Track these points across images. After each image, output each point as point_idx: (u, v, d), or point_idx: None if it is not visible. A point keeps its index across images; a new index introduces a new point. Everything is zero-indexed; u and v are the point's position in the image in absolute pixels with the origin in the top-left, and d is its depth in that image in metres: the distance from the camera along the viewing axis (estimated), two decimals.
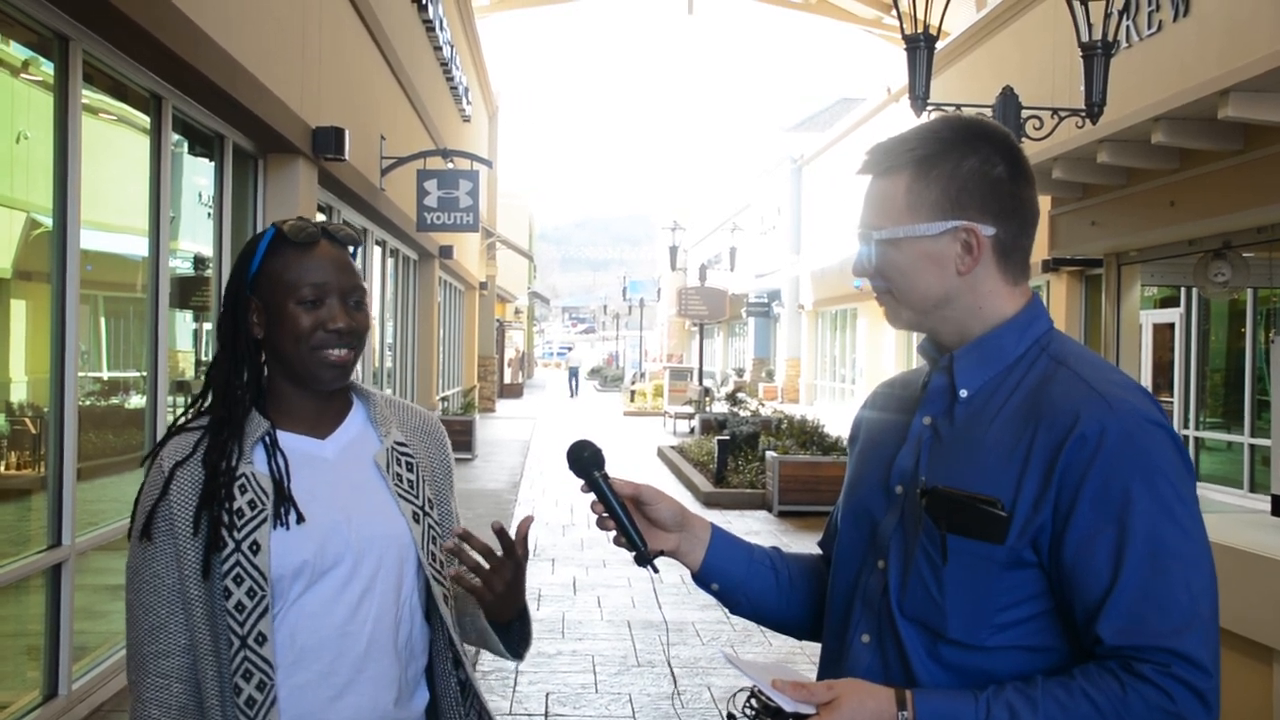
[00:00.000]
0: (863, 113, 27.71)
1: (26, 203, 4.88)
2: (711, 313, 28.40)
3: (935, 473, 1.46)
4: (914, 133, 1.53)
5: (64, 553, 4.82)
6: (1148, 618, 1.31)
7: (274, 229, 1.74)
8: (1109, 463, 1.35)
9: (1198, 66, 9.06)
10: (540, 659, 6.16)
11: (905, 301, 1.53)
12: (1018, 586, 1.40)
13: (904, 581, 1.47)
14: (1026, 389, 1.44)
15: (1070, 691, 1.32)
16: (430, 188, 12.93)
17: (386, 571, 1.71)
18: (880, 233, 1.51)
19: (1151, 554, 1.33)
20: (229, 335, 1.73)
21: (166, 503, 1.66)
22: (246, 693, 1.60)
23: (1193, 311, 13.77)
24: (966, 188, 1.48)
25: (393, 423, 1.82)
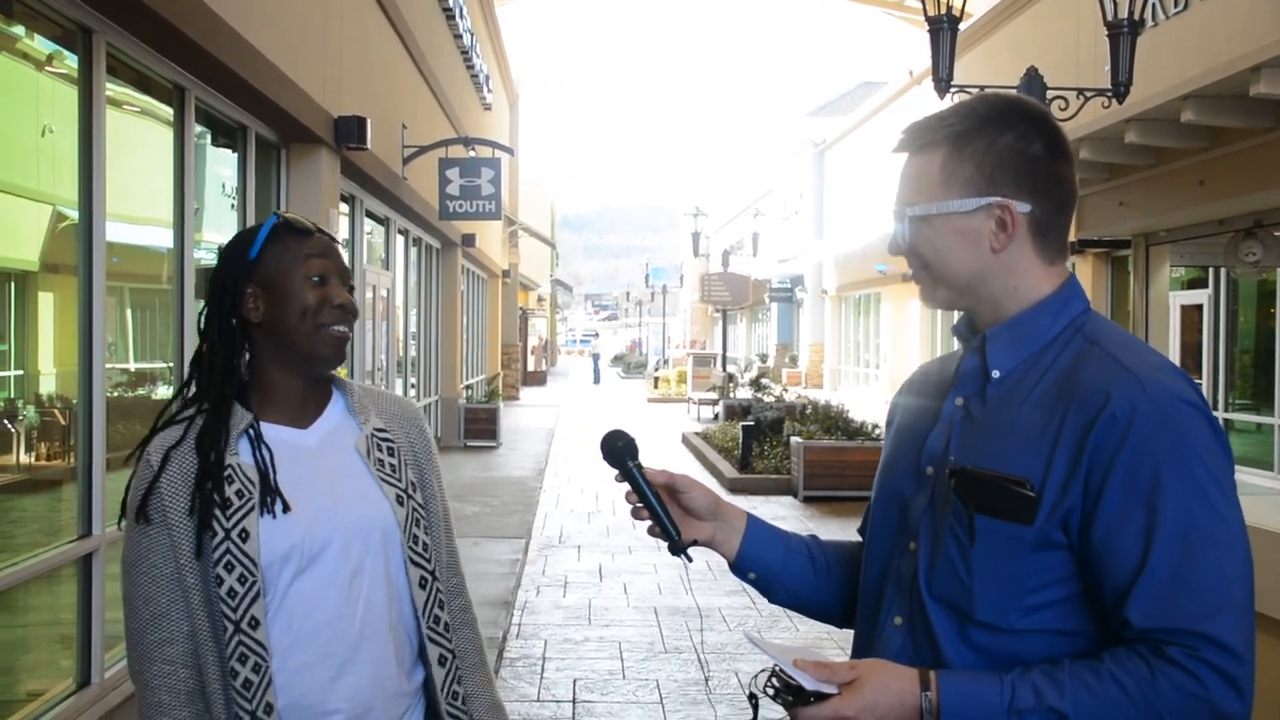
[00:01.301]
0: (885, 96, 27.52)
1: (52, 196, 4.90)
2: (734, 298, 28.29)
3: (965, 453, 1.44)
4: (950, 110, 1.51)
5: (94, 543, 4.86)
6: (1177, 601, 1.29)
7: (276, 217, 1.81)
8: (1140, 443, 1.32)
9: (1226, 43, 8.94)
10: (567, 645, 6.18)
11: (940, 279, 1.51)
12: (1047, 569, 1.37)
13: (933, 563, 1.45)
14: (1059, 370, 1.42)
15: (1098, 674, 1.30)
16: (452, 176, 12.94)
17: (374, 553, 1.76)
18: (914, 209, 1.49)
19: (1182, 536, 1.30)
20: (220, 323, 1.78)
21: (158, 492, 1.71)
22: (243, 675, 1.65)
23: (1221, 292, 13.62)
24: (1002, 164, 1.46)
25: (371, 410, 1.87)
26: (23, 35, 4.74)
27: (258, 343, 1.78)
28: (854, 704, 1.34)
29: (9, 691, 4.62)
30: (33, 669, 4.89)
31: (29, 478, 4.87)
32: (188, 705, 1.68)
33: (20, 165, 4.80)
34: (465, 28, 15.72)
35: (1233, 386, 13.61)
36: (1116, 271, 15.47)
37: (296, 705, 1.69)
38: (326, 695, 1.70)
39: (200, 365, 1.79)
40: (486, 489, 11.73)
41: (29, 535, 4.74)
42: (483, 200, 13.03)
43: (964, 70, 9.41)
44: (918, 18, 9.32)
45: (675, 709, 5.16)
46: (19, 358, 4.82)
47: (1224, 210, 11.24)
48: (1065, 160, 1.49)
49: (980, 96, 1.54)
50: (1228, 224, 11.70)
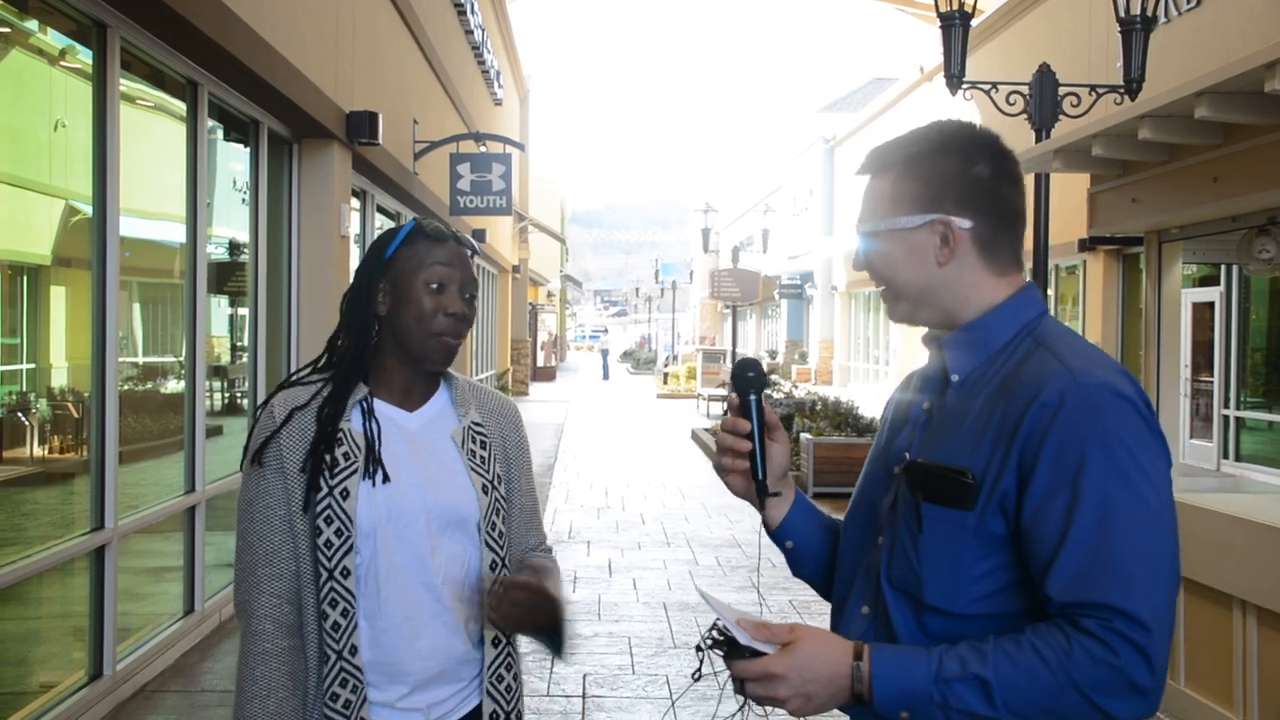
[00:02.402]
0: (895, 92, 27.47)
1: (66, 190, 4.92)
2: (744, 295, 28.30)
3: (923, 450, 1.55)
4: (906, 135, 1.62)
5: (107, 535, 4.88)
6: (1092, 576, 1.37)
7: (414, 222, 1.98)
8: (1066, 427, 1.41)
9: (1240, 40, 8.89)
10: (577, 640, 6.19)
11: (898, 294, 1.61)
12: (990, 554, 1.46)
13: (892, 553, 1.55)
14: (1007, 370, 1.52)
15: (1019, 645, 1.38)
16: (463, 171, 12.95)
17: (454, 533, 1.93)
18: (866, 225, 1.61)
19: (1101, 516, 1.38)
20: (356, 310, 1.96)
21: (277, 443, 1.89)
22: (333, 618, 1.84)
23: (1233, 290, 13.57)
24: (945, 182, 1.56)
25: (472, 405, 2.03)
26: (37, 30, 4.76)
27: (382, 332, 1.96)
28: (784, 663, 1.42)
29: (22, 683, 4.65)
30: (45, 661, 4.92)
31: (42, 471, 4.90)
32: (288, 637, 1.87)
33: (34, 160, 4.81)
34: (476, 23, 15.72)
35: (1244, 384, 13.56)
36: (1128, 269, 15.41)
37: (380, 662, 1.87)
38: (405, 656, 1.88)
39: (334, 343, 1.99)
40: None
41: (42, 528, 4.76)
42: (493, 195, 13.05)
43: (976, 66, 9.39)
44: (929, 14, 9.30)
45: (684, 704, 5.17)
46: (32, 351, 4.84)
47: (1238, 207, 11.19)
48: (1009, 181, 1.59)
49: (936, 123, 1.63)
50: (1241, 221, 11.65)
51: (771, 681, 1.43)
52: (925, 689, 1.39)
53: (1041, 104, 7.91)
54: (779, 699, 1.43)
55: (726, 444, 1.71)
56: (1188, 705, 4.53)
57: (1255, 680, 4.06)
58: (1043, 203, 7.89)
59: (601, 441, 17.32)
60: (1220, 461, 13.66)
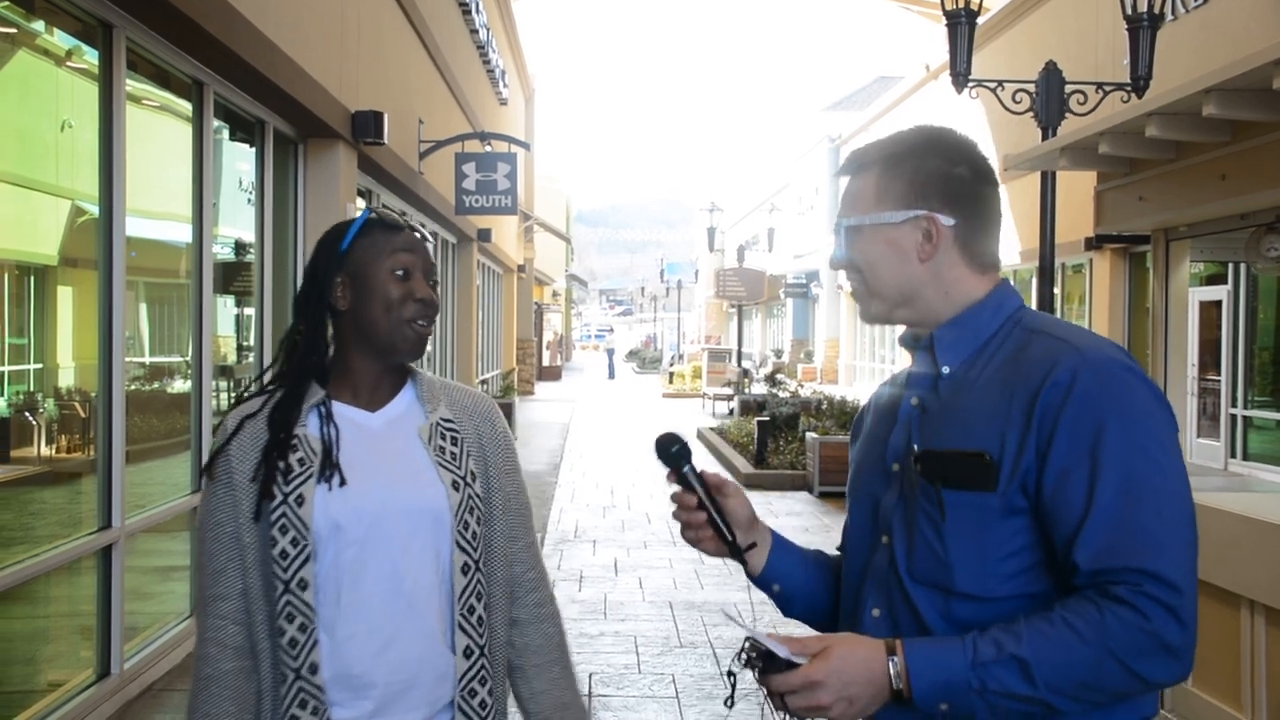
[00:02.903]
0: (901, 91, 27.44)
1: (72, 191, 4.93)
2: (750, 294, 28.25)
3: (927, 441, 1.55)
4: (887, 137, 1.65)
5: (114, 534, 4.89)
6: (1119, 542, 1.39)
7: (368, 212, 1.89)
8: (1082, 401, 1.43)
9: (1247, 37, 8.87)
10: (583, 640, 6.18)
11: (874, 291, 1.63)
12: (1016, 534, 1.48)
13: (910, 548, 1.54)
14: (1004, 357, 1.54)
15: (1051, 621, 1.39)
16: (468, 171, 12.95)
17: (423, 535, 1.81)
18: (849, 220, 1.62)
19: (1124, 485, 1.40)
20: (310, 308, 1.87)
21: (226, 455, 1.82)
22: (289, 634, 1.74)
23: (1240, 288, 13.52)
24: (930, 181, 1.59)
25: (440, 401, 1.92)
26: (43, 31, 4.76)
27: (342, 329, 1.87)
28: (822, 669, 1.41)
29: (30, 682, 4.66)
30: (53, 660, 4.93)
31: (49, 470, 4.91)
32: (233, 659, 1.78)
33: (41, 161, 4.82)
34: (481, 22, 15.73)
35: (1251, 383, 13.52)
36: (1135, 267, 15.38)
37: (341, 675, 1.76)
38: (370, 667, 1.76)
39: (287, 345, 1.89)
40: None
41: (49, 527, 4.77)
42: (499, 195, 13.05)
43: (982, 64, 9.37)
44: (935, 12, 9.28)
45: (691, 703, 5.17)
46: (39, 351, 4.85)
47: (1245, 205, 11.16)
48: (988, 183, 1.63)
49: (914, 128, 1.66)
50: (1249, 219, 11.62)
51: (813, 689, 1.41)
52: (963, 677, 1.39)
53: (1048, 102, 7.90)
54: (822, 706, 1.42)
55: (682, 519, 1.71)
56: (1195, 705, 4.51)
57: (1263, 679, 4.04)
58: (1049, 201, 7.87)
59: (607, 441, 17.31)
60: (1228, 460, 13.62)
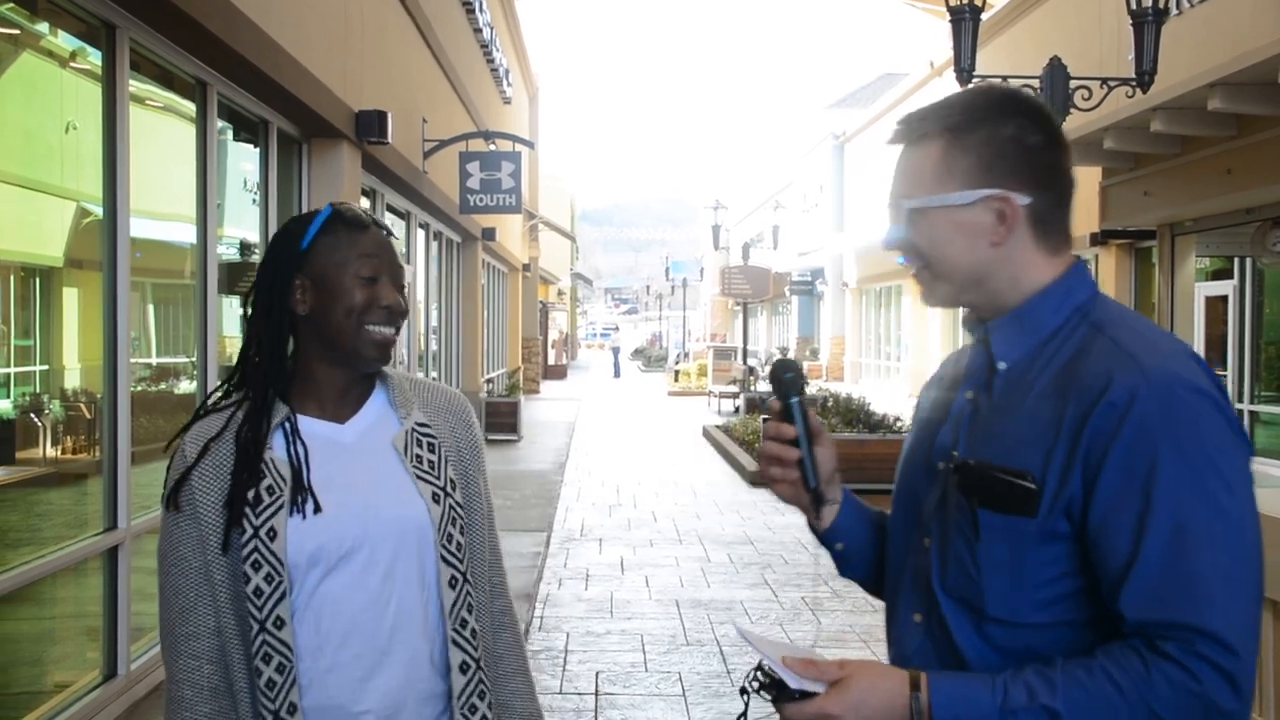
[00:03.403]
0: (905, 88, 27.40)
1: (76, 192, 4.93)
2: (755, 291, 28.23)
3: (971, 447, 1.43)
4: (947, 101, 1.48)
5: (120, 535, 4.89)
6: (1169, 594, 1.25)
7: (331, 208, 1.75)
8: (1138, 429, 1.28)
9: (1252, 31, 8.84)
10: (589, 638, 6.18)
11: (940, 275, 1.48)
12: (1056, 560, 1.35)
13: (944, 559, 1.44)
14: (1063, 359, 1.39)
15: (1091, 671, 1.27)
16: (472, 170, 12.95)
17: (406, 554, 1.70)
18: (911, 202, 1.46)
19: (1177, 527, 1.26)
20: (268, 313, 1.73)
21: (189, 483, 1.68)
22: (266, 675, 1.63)
23: (1246, 283, 13.49)
24: (1001, 155, 1.43)
25: (414, 404, 1.80)
26: (47, 32, 4.77)
27: (303, 335, 1.74)
28: (839, 702, 1.32)
29: (37, 683, 4.66)
30: (60, 661, 4.93)
31: (55, 471, 4.91)
32: (210, 701, 1.67)
33: (45, 162, 4.83)
34: (485, 21, 15.72)
35: (1258, 378, 13.48)
36: (1141, 263, 15.34)
37: (325, 705, 1.66)
38: (356, 696, 1.66)
39: (246, 355, 1.75)
40: (507, 482, 11.75)
41: (55, 528, 4.78)
42: (503, 194, 13.05)
43: (986, 61, 9.35)
44: (939, 8, 9.26)
45: (697, 701, 5.16)
46: (45, 353, 4.86)
47: (1251, 199, 11.13)
48: (1064, 151, 1.48)
49: (977, 88, 1.51)
50: (1255, 213, 11.59)
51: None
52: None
53: (1052, 97, 7.88)
54: None
55: (772, 452, 1.58)
56: None
57: (1271, 678, 4.03)
58: None
59: (613, 439, 17.30)
60: None
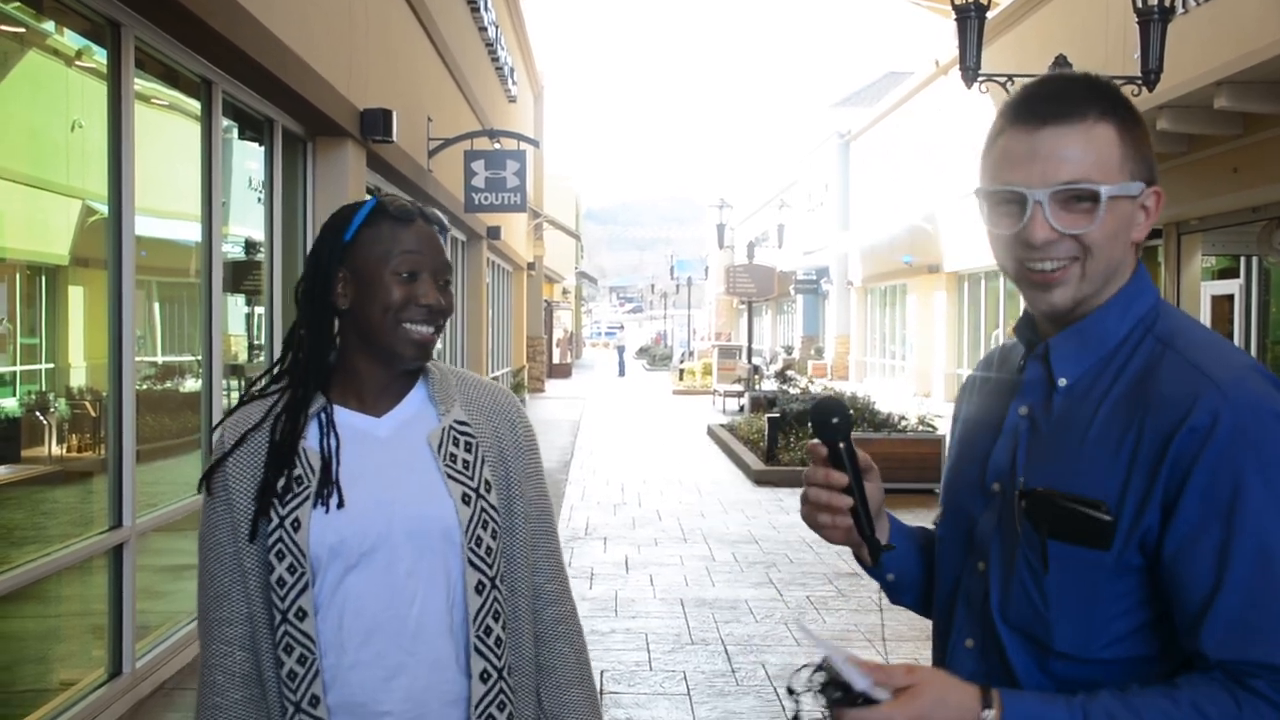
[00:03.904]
0: (911, 86, 27.35)
1: (82, 190, 4.94)
2: (760, 290, 28.25)
3: (1034, 471, 1.35)
4: (1089, 81, 1.37)
5: (125, 533, 4.90)
6: (1257, 628, 1.19)
7: (375, 200, 1.71)
8: (1220, 455, 1.22)
9: (1259, 29, 8.82)
10: (594, 637, 6.18)
11: (1091, 272, 1.35)
12: (1129, 594, 1.29)
13: (1006, 588, 1.37)
14: (1131, 375, 1.32)
15: (1176, 702, 1.20)
16: (477, 169, 12.95)
17: (432, 554, 1.67)
18: (1111, 188, 1.32)
19: (1262, 557, 1.19)
20: (312, 304, 1.71)
21: (224, 470, 1.69)
22: (288, 666, 1.63)
23: (1252, 282, 13.46)
24: (1147, 148, 1.37)
25: (456, 401, 1.75)
26: (52, 31, 4.77)
27: (344, 328, 1.72)
28: (907, 712, 1.23)
29: (42, 681, 4.67)
30: (65, 659, 4.94)
31: (60, 469, 4.92)
32: (241, 688, 1.68)
33: (50, 160, 4.83)
34: (490, 20, 15.72)
35: None
36: (1146, 261, 15.18)
37: (348, 703, 1.64)
38: (379, 695, 1.64)
39: (289, 345, 1.74)
40: None
41: (60, 526, 4.78)
42: (508, 193, 13.05)
43: (991, 59, 9.34)
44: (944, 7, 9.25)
45: (702, 700, 5.16)
46: (50, 351, 4.87)
47: (1258, 198, 11.11)
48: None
49: (1087, 75, 1.40)
50: (1261, 212, 11.56)
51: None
52: None
53: None
54: None
55: (821, 500, 1.45)
56: None
57: None
58: None
59: (618, 438, 17.29)
60: None
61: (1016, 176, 1.34)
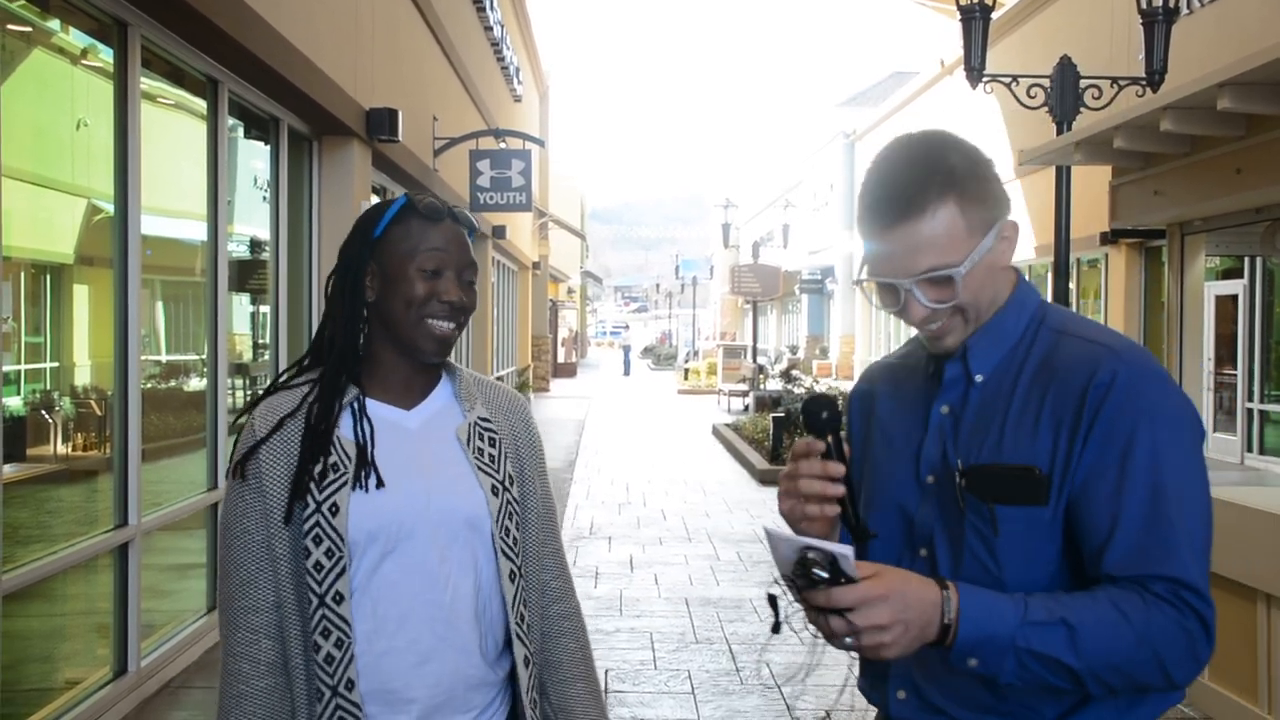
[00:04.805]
0: (916, 86, 27.35)
1: (87, 189, 4.96)
2: (765, 290, 28.21)
3: (968, 453, 1.52)
4: (920, 165, 1.51)
5: (130, 532, 4.91)
6: (1150, 550, 1.39)
7: (405, 198, 1.77)
8: (1117, 407, 1.43)
9: (1262, 30, 8.81)
10: (599, 636, 6.19)
11: (973, 319, 1.56)
12: (1057, 537, 1.47)
13: (957, 563, 1.52)
14: (1035, 362, 1.52)
15: (1096, 599, 1.39)
16: (483, 168, 12.96)
17: (462, 542, 1.73)
18: (963, 268, 1.49)
19: (1152, 492, 1.41)
20: (342, 297, 1.76)
21: (258, 456, 1.70)
22: (325, 650, 1.65)
23: (1256, 282, 13.44)
24: (991, 188, 1.53)
25: (478, 399, 1.83)
26: (59, 30, 4.79)
27: (372, 321, 1.77)
28: (883, 586, 1.35)
29: (47, 679, 4.69)
30: (70, 657, 4.96)
31: (65, 468, 4.94)
32: (267, 676, 1.69)
33: (57, 159, 4.85)
34: (495, 19, 15.74)
35: (1268, 377, 13.43)
36: (1150, 262, 15.30)
37: (378, 690, 1.68)
38: (411, 682, 1.69)
39: (322, 337, 1.79)
40: None
41: (66, 525, 4.80)
42: (513, 192, 13.06)
43: (996, 59, 9.33)
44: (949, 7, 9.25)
45: (707, 699, 5.17)
46: (55, 350, 4.88)
47: (1261, 199, 11.09)
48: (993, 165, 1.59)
49: (903, 144, 1.57)
50: (1265, 212, 11.55)
51: (873, 605, 1.33)
52: (1009, 631, 1.36)
53: (1063, 96, 7.86)
54: (880, 625, 1.33)
55: (814, 490, 1.53)
56: (1212, 699, 4.49)
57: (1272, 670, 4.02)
58: (1064, 195, 7.84)
59: (622, 437, 17.30)
60: (1244, 455, 13.54)
61: (883, 270, 1.54)
